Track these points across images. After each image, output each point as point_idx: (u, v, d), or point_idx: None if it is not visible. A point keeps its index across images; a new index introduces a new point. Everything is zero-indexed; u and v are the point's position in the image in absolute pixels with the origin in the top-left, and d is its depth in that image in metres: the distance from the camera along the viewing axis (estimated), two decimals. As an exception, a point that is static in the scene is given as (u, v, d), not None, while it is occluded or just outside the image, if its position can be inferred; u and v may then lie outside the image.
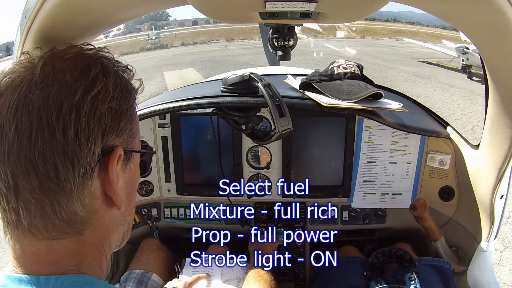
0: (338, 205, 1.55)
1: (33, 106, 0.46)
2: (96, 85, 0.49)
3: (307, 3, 0.66)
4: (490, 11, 0.68)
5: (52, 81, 0.47)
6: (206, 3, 0.71)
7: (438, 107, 6.89)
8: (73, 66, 0.50)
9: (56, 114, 0.46)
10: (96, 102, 0.49)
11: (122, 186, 0.55)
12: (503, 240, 3.04)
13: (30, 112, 0.46)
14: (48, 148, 0.46)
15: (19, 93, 0.47)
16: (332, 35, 22.66)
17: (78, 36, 0.75)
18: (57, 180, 0.46)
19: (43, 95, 0.46)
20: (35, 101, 0.46)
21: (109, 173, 0.51)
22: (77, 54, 0.53)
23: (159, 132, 1.50)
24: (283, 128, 1.10)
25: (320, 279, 1.38)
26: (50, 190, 0.47)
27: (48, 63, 0.49)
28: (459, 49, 10.48)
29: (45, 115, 0.46)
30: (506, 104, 0.95)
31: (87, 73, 0.50)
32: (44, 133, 0.45)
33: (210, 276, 1.29)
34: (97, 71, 0.51)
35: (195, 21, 34.72)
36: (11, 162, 0.45)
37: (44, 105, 0.46)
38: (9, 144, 0.45)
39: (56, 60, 0.50)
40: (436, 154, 1.43)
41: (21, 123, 0.45)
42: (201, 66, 13.83)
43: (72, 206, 0.48)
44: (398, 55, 15.94)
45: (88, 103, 0.48)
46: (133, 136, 0.56)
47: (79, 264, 0.50)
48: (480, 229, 1.23)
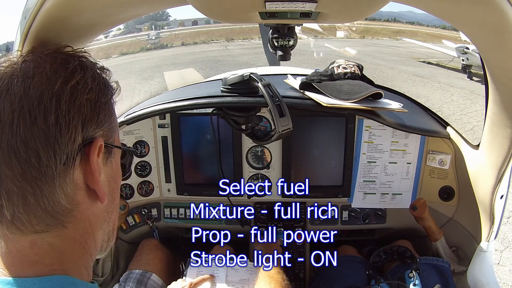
0: (338, 205, 1.55)
1: (15, 95, 0.47)
2: (75, 76, 0.51)
3: (307, 3, 0.65)
4: (490, 11, 0.68)
5: (32, 73, 0.49)
6: (206, 3, 0.70)
7: (438, 107, 6.89)
8: (52, 60, 0.52)
9: (37, 102, 0.47)
10: (76, 92, 0.51)
11: (104, 180, 0.56)
12: (503, 240, 3.04)
13: (12, 102, 0.47)
14: (30, 134, 0.46)
15: (0, 86, 0.48)
16: (332, 35, 22.67)
17: (78, 36, 0.75)
18: (38, 166, 0.47)
19: (24, 86, 0.48)
20: (17, 92, 0.47)
21: (91, 163, 0.52)
22: (56, 51, 0.55)
23: (159, 132, 1.50)
24: (283, 128, 1.10)
25: (320, 279, 1.38)
26: (32, 177, 0.47)
27: (29, 59, 0.52)
28: (459, 49, 10.48)
29: (26, 104, 0.47)
30: (506, 104, 0.95)
31: (66, 66, 0.52)
32: (25, 120, 0.46)
33: (214, 277, 1.28)
34: (76, 64, 0.53)
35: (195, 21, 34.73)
36: None
37: (26, 94, 0.47)
38: None
39: (36, 56, 0.53)
40: (436, 154, 1.43)
41: (3, 111, 0.46)
42: (201, 66, 13.83)
43: (55, 195, 0.49)
44: (398, 55, 15.94)
45: (68, 92, 0.50)
46: (113, 131, 0.58)
47: (63, 262, 0.50)
48: (480, 229, 1.23)
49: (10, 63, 0.51)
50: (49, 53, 0.54)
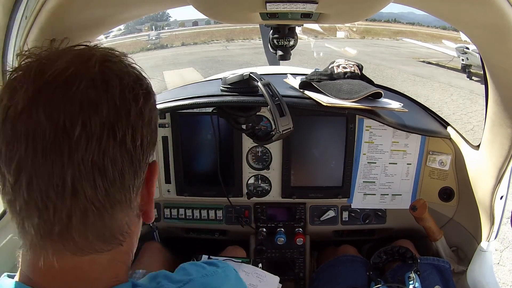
0: (338, 206, 1.55)
1: (101, 107, 0.42)
2: (152, 94, 0.49)
3: (308, 4, 0.66)
4: (490, 11, 0.68)
5: (115, 83, 0.44)
6: (206, 3, 0.71)
7: (438, 107, 6.88)
8: (127, 71, 0.47)
9: (126, 119, 0.43)
10: (153, 111, 0.49)
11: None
12: (503, 240, 3.04)
13: (98, 113, 0.41)
14: (119, 154, 0.43)
15: (77, 89, 0.42)
16: (332, 35, 22.63)
17: (79, 36, 0.76)
18: (121, 188, 0.44)
19: (109, 97, 0.43)
20: (103, 102, 0.42)
21: (151, 184, 0.51)
22: (120, 59, 0.49)
23: (159, 131, 1.50)
24: (284, 127, 1.10)
25: (321, 279, 1.38)
26: (115, 199, 0.44)
27: (100, 61, 0.45)
28: (459, 49, 10.46)
29: (114, 118, 0.42)
30: (506, 104, 0.96)
31: (140, 82, 0.48)
32: (116, 137, 0.42)
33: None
34: (147, 81, 0.50)
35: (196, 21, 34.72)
36: (74, 164, 0.40)
37: (113, 107, 0.43)
38: (72, 144, 0.40)
39: (106, 60, 0.46)
40: (436, 155, 1.43)
41: (89, 123, 0.41)
42: (201, 66, 13.82)
43: (124, 218, 0.47)
44: (398, 55, 15.92)
45: (148, 111, 0.47)
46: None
47: (118, 274, 0.50)
48: (480, 229, 1.23)
49: (82, 59, 0.45)
50: (117, 61, 0.48)
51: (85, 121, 0.41)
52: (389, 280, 1.24)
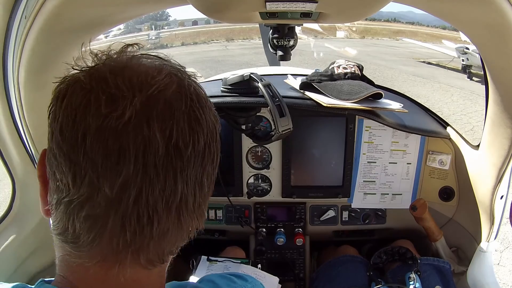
0: (338, 205, 1.55)
1: (202, 126, 0.43)
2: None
3: (307, 3, 0.66)
4: (490, 11, 0.68)
5: (207, 103, 0.46)
6: (206, 3, 0.71)
7: (438, 107, 6.89)
8: (201, 92, 0.47)
9: (216, 140, 0.46)
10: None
11: None
12: (503, 240, 3.04)
13: (203, 132, 0.43)
14: (212, 172, 0.46)
15: (185, 107, 0.42)
16: (332, 35, 22.64)
17: (78, 36, 0.75)
18: (204, 204, 0.46)
19: (206, 117, 0.44)
20: (202, 121, 0.43)
21: None
22: (184, 71, 0.49)
23: None
24: (283, 128, 1.11)
25: (321, 279, 1.38)
26: (192, 213, 0.45)
27: (191, 81, 0.46)
28: (459, 49, 10.47)
29: (209, 139, 0.44)
30: (506, 104, 0.96)
31: (211, 103, 0.48)
32: (210, 156, 0.45)
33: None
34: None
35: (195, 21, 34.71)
36: (183, 180, 0.42)
37: (208, 127, 0.44)
38: (184, 161, 0.42)
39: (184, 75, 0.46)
40: (436, 155, 1.43)
41: (197, 141, 0.42)
42: (201, 66, 13.81)
43: (187, 232, 0.47)
44: (398, 55, 15.92)
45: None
46: None
47: (162, 284, 0.51)
48: (480, 229, 1.23)
49: (173, 77, 0.44)
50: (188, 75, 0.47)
51: (195, 140, 0.42)
52: (390, 281, 1.24)
